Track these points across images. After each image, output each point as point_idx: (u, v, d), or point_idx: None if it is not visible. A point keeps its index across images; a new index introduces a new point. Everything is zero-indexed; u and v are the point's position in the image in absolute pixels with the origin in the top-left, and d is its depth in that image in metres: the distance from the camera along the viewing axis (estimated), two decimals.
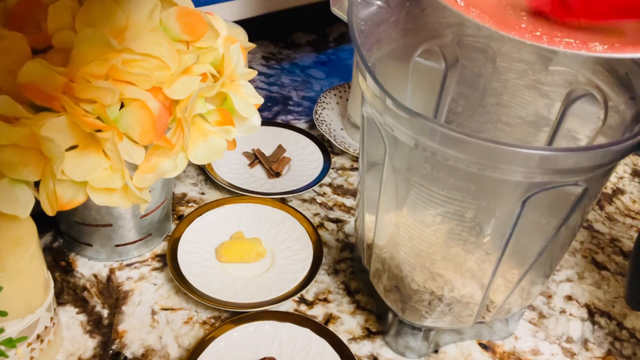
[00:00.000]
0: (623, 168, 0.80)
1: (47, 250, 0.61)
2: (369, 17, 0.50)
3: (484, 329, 0.56)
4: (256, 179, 0.70)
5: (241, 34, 0.58)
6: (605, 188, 0.76)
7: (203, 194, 0.69)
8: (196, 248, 0.61)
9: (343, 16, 0.60)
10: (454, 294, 0.49)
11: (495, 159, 0.37)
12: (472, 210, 0.43)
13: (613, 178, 0.78)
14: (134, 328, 0.55)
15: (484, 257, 0.46)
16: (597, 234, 0.70)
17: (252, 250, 0.60)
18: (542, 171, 0.38)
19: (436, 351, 0.55)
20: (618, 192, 0.76)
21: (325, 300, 0.59)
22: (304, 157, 0.73)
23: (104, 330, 0.54)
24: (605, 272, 0.65)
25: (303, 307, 0.58)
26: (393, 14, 0.51)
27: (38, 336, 0.48)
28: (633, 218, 0.72)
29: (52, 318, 0.49)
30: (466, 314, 0.50)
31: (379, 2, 0.50)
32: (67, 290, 0.57)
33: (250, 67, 0.57)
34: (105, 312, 0.56)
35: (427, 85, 0.57)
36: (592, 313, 0.61)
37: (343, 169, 0.74)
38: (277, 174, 0.71)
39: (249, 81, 0.57)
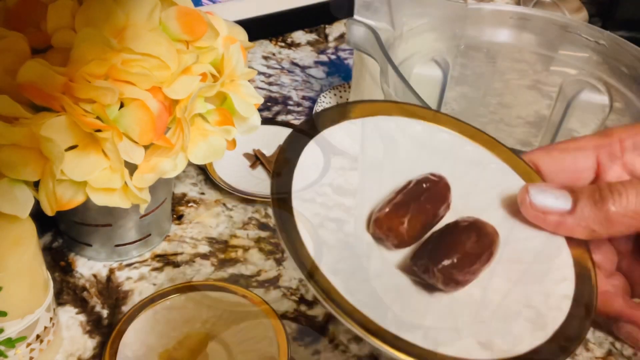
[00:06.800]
0: None
1: (46, 250, 0.61)
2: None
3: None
4: (259, 180, 0.70)
5: (241, 34, 0.58)
6: None
7: (203, 194, 0.68)
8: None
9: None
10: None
11: None
12: None
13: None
14: None
15: None
16: None
17: None
18: None
19: None
20: None
21: None
22: None
23: (104, 331, 0.54)
24: None
25: (303, 307, 0.58)
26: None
27: (37, 336, 0.48)
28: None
29: (51, 318, 0.49)
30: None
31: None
32: (67, 290, 0.57)
33: (250, 67, 0.57)
34: (105, 313, 0.56)
35: (428, 84, 0.57)
36: None
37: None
38: None
39: (249, 81, 0.57)
